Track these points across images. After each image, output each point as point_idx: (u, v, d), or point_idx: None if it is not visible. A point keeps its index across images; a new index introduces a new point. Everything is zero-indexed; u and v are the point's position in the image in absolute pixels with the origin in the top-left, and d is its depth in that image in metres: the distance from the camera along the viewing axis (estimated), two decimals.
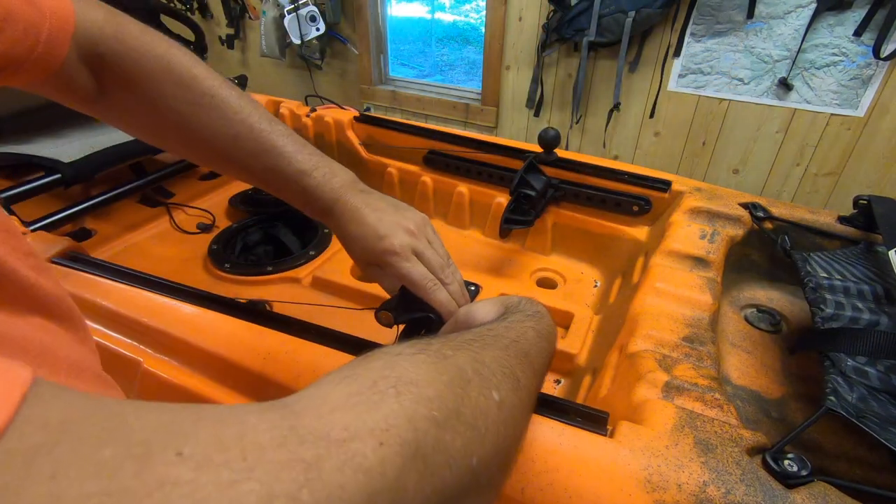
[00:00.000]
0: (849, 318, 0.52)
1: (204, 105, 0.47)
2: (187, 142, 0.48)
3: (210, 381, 0.49)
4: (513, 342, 0.34)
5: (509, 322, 0.37)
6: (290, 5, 2.16)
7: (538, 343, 0.36)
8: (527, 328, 0.36)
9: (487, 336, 0.33)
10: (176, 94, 0.46)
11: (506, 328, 0.35)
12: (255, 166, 0.49)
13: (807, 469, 0.36)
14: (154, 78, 0.45)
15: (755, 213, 0.70)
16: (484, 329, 0.34)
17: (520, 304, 0.41)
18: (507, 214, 0.80)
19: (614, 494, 0.35)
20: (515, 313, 0.39)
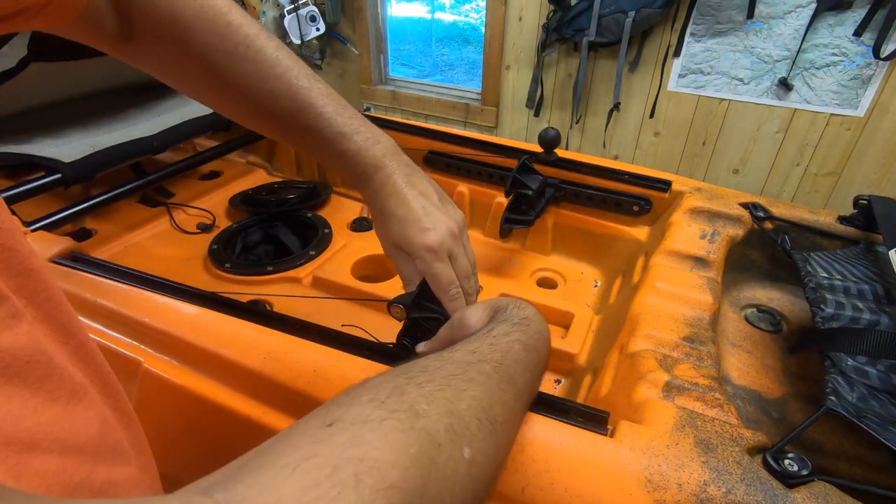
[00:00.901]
0: (849, 318, 0.52)
1: (238, 55, 0.43)
2: (221, 94, 0.45)
3: (211, 380, 0.49)
4: (497, 366, 0.33)
5: (495, 337, 0.36)
6: (290, 5, 2.16)
7: (525, 358, 0.36)
8: (513, 342, 0.36)
9: (471, 365, 0.32)
10: (209, 41, 0.42)
11: (490, 347, 0.34)
12: (292, 125, 0.46)
13: (807, 468, 0.36)
14: (185, 22, 0.42)
15: (755, 213, 0.70)
16: (468, 351, 0.33)
17: (508, 308, 0.40)
18: (507, 214, 0.80)
19: (615, 494, 0.35)
20: (503, 322, 0.38)
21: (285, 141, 0.49)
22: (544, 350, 0.39)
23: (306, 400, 0.44)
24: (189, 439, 0.52)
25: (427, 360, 0.32)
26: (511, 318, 0.39)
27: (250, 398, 0.47)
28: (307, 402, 0.44)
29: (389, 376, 0.28)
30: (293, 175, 1.13)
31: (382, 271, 0.83)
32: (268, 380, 0.46)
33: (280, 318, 0.52)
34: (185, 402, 0.49)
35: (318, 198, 1.00)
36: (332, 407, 0.24)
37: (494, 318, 0.40)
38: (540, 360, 0.38)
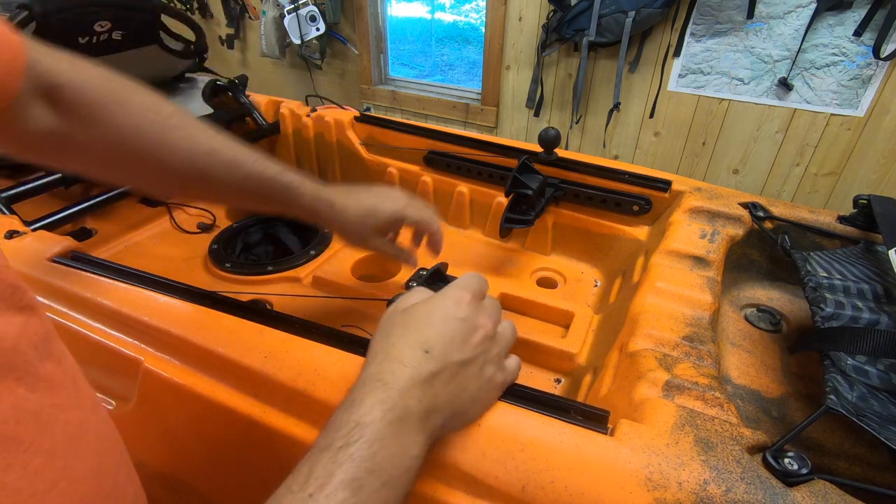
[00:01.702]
0: (849, 318, 0.52)
1: (174, 126, 0.47)
2: (156, 167, 0.48)
3: (211, 379, 0.49)
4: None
5: (317, 486, 0.29)
6: (290, 5, 2.16)
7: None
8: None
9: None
10: (145, 117, 0.46)
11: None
12: (234, 176, 0.51)
13: (807, 467, 0.36)
14: (121, 103, 0.45)
15: (755, 212, 0.70)
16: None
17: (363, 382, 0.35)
18: (507, 214, 0.80)
19: (615, 492, 0.35)
20: (324, 451, 0.30)
21: (222, 198, 0.57)
22: (401, 473, 0.31)
23: (307, 399, 0.44)
24: (190, 438, 0.52)
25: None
26: (339, 429, 0.31)
27: (251, 397, 0.47)
28: (307, 400, 0.44)
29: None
30: None
31: (382, 271, 0.83)
32: (268, 379, 0.46)
33: (280, 318, 0.52)
34: (186, 402, 0.50)
35: None
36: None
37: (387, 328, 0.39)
38: (392, 492, 0.31)
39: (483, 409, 0.39)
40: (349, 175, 1.07)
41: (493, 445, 0.38)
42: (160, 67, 1.12)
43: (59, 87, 0.43)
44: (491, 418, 0.39)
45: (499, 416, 0.40)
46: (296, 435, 0.45)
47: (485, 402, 0.39)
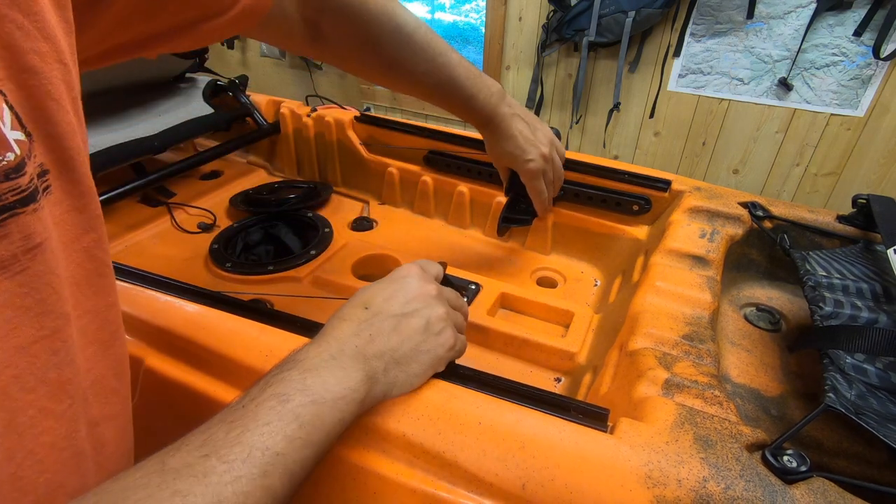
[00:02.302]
0: (848, 317, 0.52)
1: (406, 45, 0.58)
2: (388, 74, 0.61)
3: (212, 378, 0.49)
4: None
5: (249, 398, 0.31)
6: None
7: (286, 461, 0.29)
8: (259, 413, 0.30)
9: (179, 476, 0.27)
10: (388, 39, 0.57)
11: (236, 416, 0.30)
12: (437, 93, 0.63)
13: (806, 465, 0.36)
14: (371, 24, 0.55)
15: (755, 212, 0.70)
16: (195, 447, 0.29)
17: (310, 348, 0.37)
18: (505, 213, 0.80)
19: (615, 490, 0.35)
20: (267, 386, 0.32)
21: (428, 101, 0.66)
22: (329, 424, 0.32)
23: None
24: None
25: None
26: (279, 365, 0.35)
27: None
28: None
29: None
30: (294, 175, 1.14)
31: (383, 271, 0.83)
32: None
33: (281, 317, 0.52)
34: (187, 401, 0.50)
35: (319, 197, 1.00)
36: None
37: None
38: (323, 410, 0.32)
39: (430, 362, 0.41)
40: (349, 175, 1.07)
41: (493, 443, 0.38)
42: (161, 67, 1.12)
43: (321, 9, 0.53)
44: (492, 416, 0.40)
45: (499, 413, 0.40)
46: None
47: (431, 356, 0.41)
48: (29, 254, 0.25)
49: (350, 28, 0.55)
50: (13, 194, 0.23)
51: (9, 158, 0.23)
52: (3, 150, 0.22)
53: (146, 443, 0.52)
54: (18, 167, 0.23)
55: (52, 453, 0.28)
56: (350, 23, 0.55)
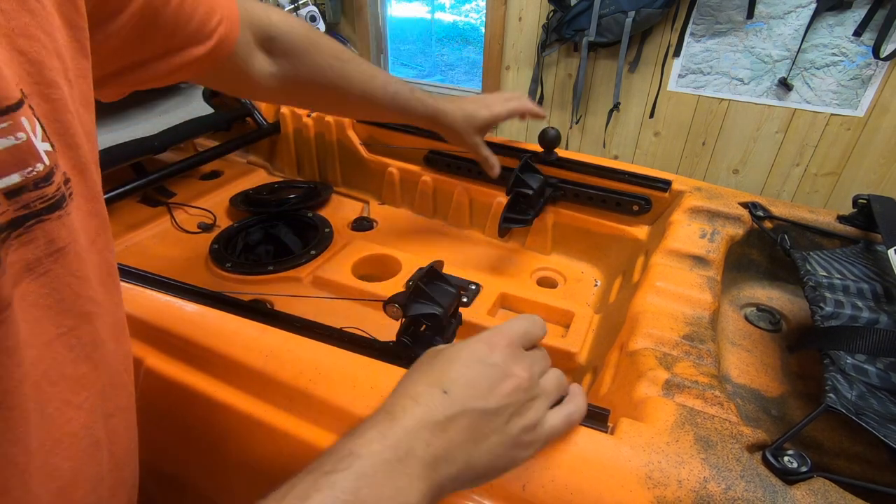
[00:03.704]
0: (848, 317, 0.52)
1: (347, 60, 0.64)
2: (338, 93, 0.65)
3: (212, 378, 0.49)
4: None
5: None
6: (290, 5, 2.16)
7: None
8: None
9: None
10: (331, 55, 0.62)
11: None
12: (386, 95, 0.68)
13: (806, 465, 0.36)
14: (313, 46, 0.61)
15: (755, 212, 0.70)
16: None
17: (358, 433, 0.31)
18: (506, 214, 0.80)
19: (615, 490, 0.35)
20: (308, 475, 0.28)
21: (379, 116, 0.75)
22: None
23: (308, 398, 0.44)
24: (191, 438, 0.53)
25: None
26: (332, 455, 0.29)
27: (252, 396, 0.48)
28: (309, 400, 0.44)
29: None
30: (293, 175, 1.14)
31: (383, 271, 0.83)
32: (269, 378, 0.46)
33: (281, 317, 0.52)
34: (187, 401, 0.50)
35: (319, 197, 1.00)
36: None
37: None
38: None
39: (503, 468, 0.34)
40: (349, 175, 1.07)
41: None
42: None
43: (273, 37, 0.57)
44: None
45: None
46: (297, 434, 0.45)
47: (505, 460, 0.34)
48: (52, 257, 0.27)
49: (295, 50, 0.59)
50: (41, 202, 0.25)
51: (38, 169, 0.24)
52: (34, 161, 0.24)
53: (144, 444, 0.52)
54: (47, 177, 0.25)
55: (74, 442, 0.30)
56: (294, 45, 0.59)
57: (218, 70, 0.52)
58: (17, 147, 0.23)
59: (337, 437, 0.44)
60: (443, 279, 0.56)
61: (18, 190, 0.24)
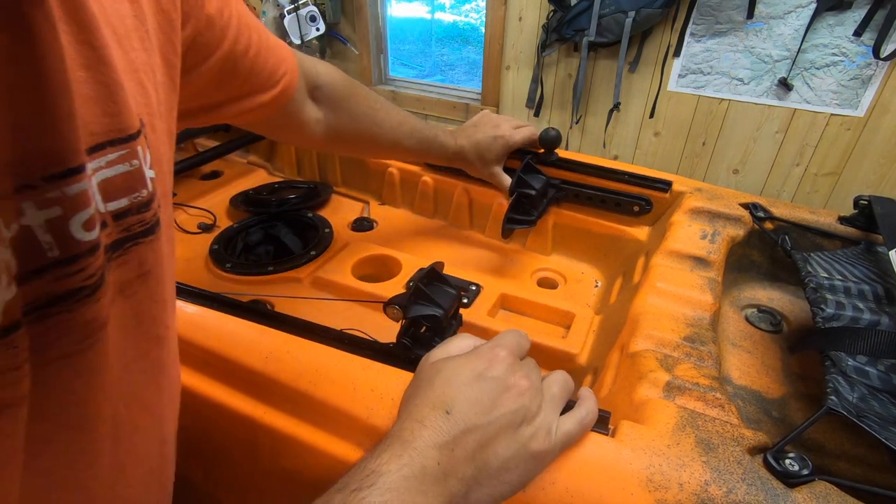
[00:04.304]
0: (849, 318, 0.52)
1: (379, 108, 0.70)
2: (371, 137, 0.71)
3: (212, 380, 0.49)
4: None
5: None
6: (290, 5, 2.16)
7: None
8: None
9: None
10: (366, 104, 0.68)
11: None
12: (412, 139, 0.74)
13: (808, 468, 0.36)
14: (352, 95, 0.67)
15: (756, 213, 0.70)
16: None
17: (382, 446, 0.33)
18: (509, 214, 0.80)
19: (616, 493, 0.35)
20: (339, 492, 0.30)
21: (405, 157, 0.87)
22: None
23: (308, 399, 0.44)
24: (191, 438, 0.52)
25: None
26: (355, 475, 0.30)
27: (252, 398, 0.47)
28: (309, 401, 0.44)
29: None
30: (294, 175, 1.13)
31: (383, 271, 0.83)
32: (269, 379, 0.46)
33: (281, 318, 0.52)
34: (187, 402, 0.49)
35: (319, 198, 1.00)
36: None
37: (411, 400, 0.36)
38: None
39: (521, 479, 0.34)
40: (349, 175, 1.07)
41: None
42: None
43: (320, 87, 0.63)
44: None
45: None
46: (297, 436, 0.45)
47: (522, 470, 0.34)
48: (139, 280, 0.28)
49: (338, 99, 0.65)
50: (139, 226, 0.27)
51: (143, 195, 0.26)
52: (140, 187, 0.26)
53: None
54: (148, 203, 0.27)
55: (137, 469, 0.31)
56: (337, 94, 0.65)
57: (277, 115, 0.57)
58: (130, 173, 0.25)
59: (337, 439, 0.44)
60: (443, 280, 0.56)
61: (124, 213, 0.25)
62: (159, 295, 0.30)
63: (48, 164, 0.21)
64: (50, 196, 0.21)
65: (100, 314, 0.24)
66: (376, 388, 0.43)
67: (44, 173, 0.21)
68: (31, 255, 0.21)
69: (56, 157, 0.21)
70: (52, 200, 0.21)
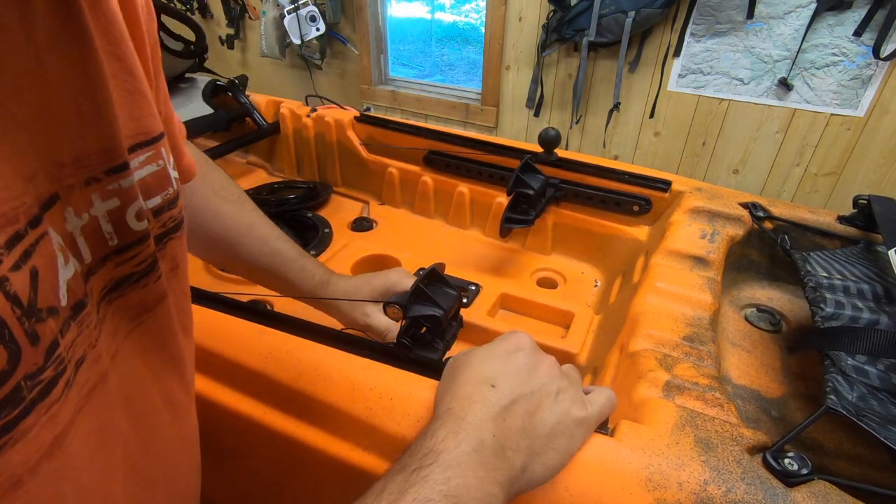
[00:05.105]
0: (848, 318, 0.52)
1: (226, 198, 0.56)
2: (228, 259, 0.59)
3: (212, 380, 0.49)
4: None
5: (390, 501, 0.28)
6: (290, 5, 2.16)
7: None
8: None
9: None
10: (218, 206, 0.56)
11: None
12: (263, 251, 0.58)
13: (807, 468, 0.36)
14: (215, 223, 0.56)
15: (755, 212, 0.70)
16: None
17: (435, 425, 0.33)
18: (508, 214, 0.80)
19: (615, 493, 0.35)
20: (399, 472, 0.30)
21: (260, 281, 0.62)
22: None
23: (308, 399, 0.44)
24: None
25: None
26: (413, 455, 0.31)
27: (251, 397, 0.47)
28: (308, 401, 0.44)
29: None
30: (293, 175, 1.13)
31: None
32: (269, 379, 0.46)
33: (281, 318, 0.52)
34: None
35: (319, 198, 1.00)
36: None
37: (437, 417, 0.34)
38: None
39: (564, 450, 0.35)
40: (349, 175, 1.07)
41: None
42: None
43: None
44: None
45: None
46: (297, 435, 0.45)
47: (565, 441, 0.35)
48: (173, 272, 0.30)
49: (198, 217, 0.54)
50: (171, 221, 0.29)
51: (170, 192, 0.28)
52: (168, 185, 0.28)
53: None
54: (175, 200, 0.29)
55: (189, 442, 0.34)
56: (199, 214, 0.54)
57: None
58: (159, 173, 0.27)
59: (336, 438, 0.44)
60: (444, 281, 0.56)
61: (160, 210, 0.27)
62: (187, 287, 0.33)
63: (107, 159, 0.23)
64: (110, 188, 0.23)
65: (149, 297, 0.27)
66: (375, 388, 0.43)
67: (105, 167, 0.23)
68: (97, 244, 0.23)
69: (112, 152, 0.23)
70: (112, 192, 0.24)
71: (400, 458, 0.31)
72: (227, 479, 0.56)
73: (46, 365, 0.19)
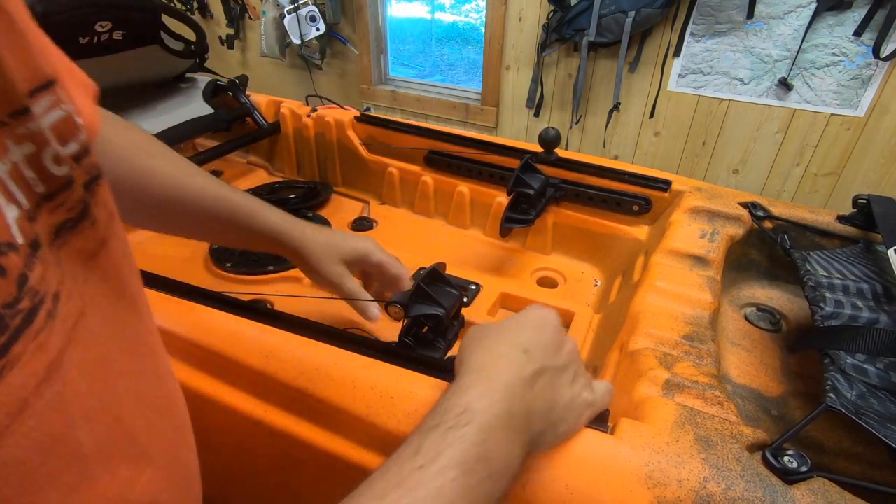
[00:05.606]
0: (848, 317, 0.52)
1: (153, 153, 0.52)
2: (138, 193, 0.52)
3: (212, 379, 0.49)
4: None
5: (428, 459, 0.29)
6: (290, 5, 2.16)
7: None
8: (444, 486, 0.28)
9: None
10: (129, 146, 0.51)
11: (417, 483, 0.28)
12: (205, 198, 0.54)
13: (806, 465, 0.36)
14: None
15: (755, 212, 0.70)
16: (401, 475, 0.28)
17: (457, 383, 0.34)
18: (508, 213, 0.80)
19: (615, 490, 0.35)
20: (433, 430, 0.30)
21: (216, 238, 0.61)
22: (504, 458, 0.31)
23: (308, 398, 0.44)
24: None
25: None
26: (447, 412, 0.31)
27: (252, 396, 0.48)
28: (309, 400, 0.44)
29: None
30: (294, 175, 1.14)
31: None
32: (270, 378, 0.46)
33: (282, 317, 0.52)
34: (187, 401, 0.50)
35: (319, 198, 1.00)
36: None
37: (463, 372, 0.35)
38: (496, 486, 0.30)
39: (572, 425, 0.37)
40: (349, 175, 1.07)
41: None
42: (161, 67, 1.12)
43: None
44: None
45: None
46: (298, 434, 0.45)
47: (574, 417, 0.37)
48: (110, 219, 0.28)
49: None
50: (95, 169, 0.27)
51: (82, 138, 0.26)
52: (77, 131, 0.26)
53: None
54: (89, 147, 0.27)
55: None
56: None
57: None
58: (67, 119, 0.25)
59: (337, 436, 0.44)
60: (445, 281, 0.56)
61: (79, 156, 0.26)
62: (122, 235, 0.30)
63: (5, 102, 0.22)
64: (20, 132, 0.22)
65: (88, 244, 0.26)
66: (376, 387, 0.43)
67: (7, 110, 0.22)
68: (26, 190, 0.22)
69: (9, 94, 0.22)
70: (23, 136, 0.22)
71: (432, 414, 0.32)
72: (228, 477, 0.56)
73: (21, 296, 0.19)
